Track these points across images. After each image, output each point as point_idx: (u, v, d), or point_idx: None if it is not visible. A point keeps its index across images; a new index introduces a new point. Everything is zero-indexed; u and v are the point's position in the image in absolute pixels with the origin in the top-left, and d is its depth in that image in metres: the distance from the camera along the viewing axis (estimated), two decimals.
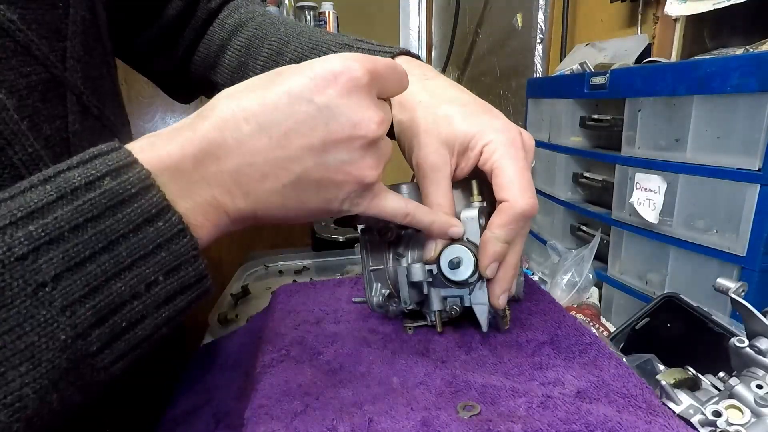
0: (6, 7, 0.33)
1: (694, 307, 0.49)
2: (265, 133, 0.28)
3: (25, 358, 0.22)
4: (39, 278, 0.22)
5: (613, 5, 0.99)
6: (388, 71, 0.32)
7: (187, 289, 0.27)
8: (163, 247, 0.25)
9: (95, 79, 0.41)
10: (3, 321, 0.21)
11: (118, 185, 0.24)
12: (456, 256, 0.37)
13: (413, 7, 2.10)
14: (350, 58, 0.29)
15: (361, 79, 0.29)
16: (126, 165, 0.25)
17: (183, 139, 0.27)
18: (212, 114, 0.28)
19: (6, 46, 0.33)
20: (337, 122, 0.29)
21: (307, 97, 0.28)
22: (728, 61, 0.53)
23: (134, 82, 1.82)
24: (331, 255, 1.04)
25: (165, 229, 0.25)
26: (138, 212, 0.25)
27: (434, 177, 0.38)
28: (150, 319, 0.26)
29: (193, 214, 0.27)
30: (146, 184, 0.25)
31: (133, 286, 0.25)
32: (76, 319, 0.23)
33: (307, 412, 0.34)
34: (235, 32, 0.52)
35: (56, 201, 0.23)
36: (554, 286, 0.72)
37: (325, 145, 0.29)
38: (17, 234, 0.22)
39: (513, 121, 0.39)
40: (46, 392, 0.23)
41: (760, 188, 0.50)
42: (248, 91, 0.29)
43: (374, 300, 0.43)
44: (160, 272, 0.25)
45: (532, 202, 0.36)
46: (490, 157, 0.37)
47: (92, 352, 0.24)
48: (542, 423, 0.31)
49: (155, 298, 0.25)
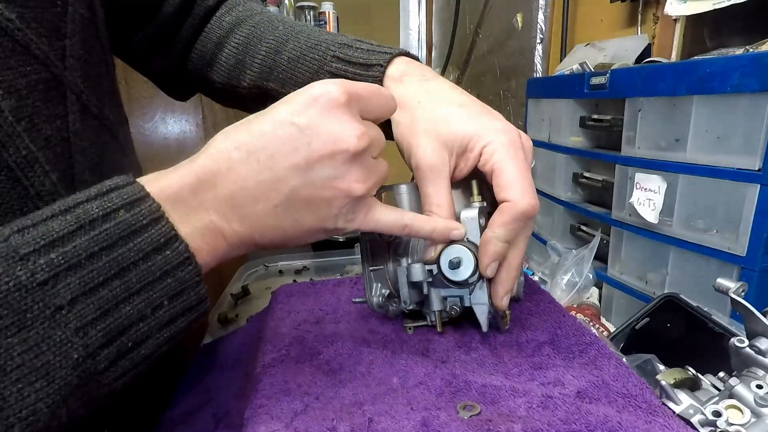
0: (4, 6, 0.32)
1: (694, 307, 0.49)
2: (253, 158, 0.30)
3: (40, 376, 0.23)
4: (57, 302, 0.24)
5: (613, 5, 0.99)
6: (369, 93, 0.33)
7: (188, 312, 0.29)
8: (170, 273, 0.27)
9: (94, 78, 0.41)
10: (23, 341, 0.23)
11: (132, 217, 0.26)
12: (456, 256, 0.37)
13: (413, 7, 2.10)
14: (329, 83, 0.31)
15: (339, 98, 0.31)
16: (139, 198, 0.27)
17: (182, 170, 0.30)
18: (208, 148, 0.31)
19: (5, 45, 0.33)
20: (319, 139, 0.30)
21: (288, 119, 0.30)
22: (728, 61, 0.53)
23: (134, 82, 1.81)
24: (331, 255, 1.04)
25: (172, 258, 0.27)
26: (148, 241, 0.26)
27: (433, 178, 0.38)
28: (153, 339, 0.27)
29: (192, 238, 0.29)
30: (156, 216, 0.27)
31: (141, 310, 0.26)
32: (88, 339, 0.25)
33: (307, 411, 0.34)
34: (233, 30, 0.52)
35: (76, 231, 0.25)
36: (554, 286, 0.72)
37: (309, 162, 0.30)
38: (39, 261, 0.24)
39: (513, 122, 0.39)
40: (57, 407, 0.24)
41: (760, 188, 0.50)
42: (240, 126, 0.31)
43: (374, 300, 0.43)
44: (165, 297, 0.27)
45: (534, 203, 0.37)
46: (491, 158, 0.37)
47: (100, 370, 0.25)
48: (542, 423, 0.31)
49: (159, 320, 0.27)
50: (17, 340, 0.23)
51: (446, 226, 0.38)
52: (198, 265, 0.28)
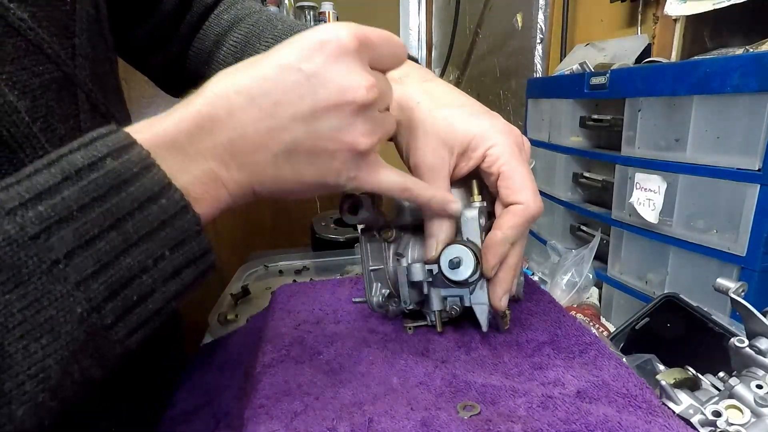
0: (16, 6, 0.32)
1: (694, 307, 0.49)
2: (255, 104, 0.28)
3: (45, 331, 0.23)
4: (52, 255, 0.23)
5: (613, 5, 0.99)
6: (381, 40, 0.31)
7: (192, 263, 0.28)
8: (168, 223, 0.26)
9: (101, 76, 0.41)
10: (22, 297, 0.22)
11: (120, 165, 0.25)
12: (456, 256, 0.37)
13: (413, 7, 2.10)
14: (340, 26, 0.29)
15: (349, 45, 0.29)
16: (126, 146, 0.26)
17: (177, 115, 0.28)
18: (205, 91, 0.29)
19: (18, 45, 0.32)
20: (325, 89, 0.29)
21: (295, 66, 0.29)
22: (728, 61, 0.53)
23: (135, 83, 1.81)
24: (331, 255, 1.04)
25: (168, 206, 0.26)
26: (141, 191, 0.25)
27: (432, 177, 0.38)
28: (159, 292, 0.27)
29: (192, 187, 0.28)
30: (147, 163, 0.26)
31: (141, 261, 0.26)
32: (90, 293, 0.24)
33: (307, 412, 0.34)
34: (231, 28, 0.52)
35: (62, 182, 0.24)
36: (554, 286, 0.72)
37: (314, 112, 0.29)
38: (28, 214, 0.23)
39: (513, 122, 0.40)
40: (67, 363, 0.24)
41: (760, 188, 0.50)
42: (241, 67, 0.30)
43: (374, 300, 0.43)
44: (165, 247, 0.26)
45: (541, 206, 0.38)
46: (497, 161, 0.37)
47: (107, 325, 0.25)
48: (542, 423, 0.31)
49: (162, 272, 0.26)
50: (15, 297, 0.22)
51: (444, 196, 0.37)
52: (196, 215, 0.27)
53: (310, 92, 0.29)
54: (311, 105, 0.29)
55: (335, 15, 1.72)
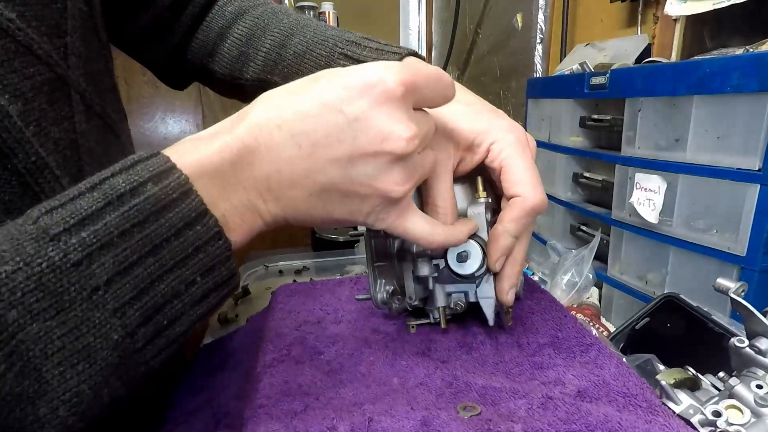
0: (4, 6, 0.32)
1: (694, 307, 0.49)
2: (294, 142, 0.28)
3: (82, 358, 0.23)
4: (93, 282, 0.23)
5: (613, 5, 0.99)
6: (428, 81, 0.31)
7: (220, 287, 0.28)
8: (201, 249, 0.27)
9: (95, 75, 0.40)
10: (62, 324, 0.23)
11: (160, 190, 0.25)
12: (464, 250, 0.38)
13: (413, 7, 2.10)
14: (387, 68, 0.29)
15: (395, 90, 0.29)
16: (166, 170, 0.26)
17: (221, 143, 0.28)
18: (248, 118, 0.29)
19: (7, 47, 0.32)
20: (365, 135, 0.28)
21: (338, 107, 0.28)
22: (728, 61, 0.53)
23: (134, 83, 1.82)
24: (331, 255, 1.04)
25: (203, 233, 0.26)
26: (179, 216, 0.26)
27: (437, 170, 0.38)
28: (187, 316, 0.27)
29: (231, 215, 0.29)
30: (186, 189, 0.26)
31: (175, 287, 0.26)
32: (126, 320, 0.24)
33: (307, 411, 0.34)
34: (235, 21, 0.52)
35: (104, 207, 0.24)
36: (554, 286, 0.72)
37: (352, 158, 0.29)
38: (71, 240, 0.23)
39: None
40: (99, 388, 0.24)
41: (760, 188, 0.50)
42: (284, 96, 0.30)
43: (379, 296, 0.43)
44: (197, 273, 0.27)
45: (543, 198, 0.37)
46: (499, 155, 0.38)
47: (138, 348, 0.25)
48: (542, 423, 0.31)
49: (193, 297, 0.27)
50: (56, 323, 0.22)
51: (457, 239, 0.37)
52: (228, 240, 0.28)
53: (350, 137, 0.28)
54: (349, 150, 0.29)
55: (335, 15, 1.71)
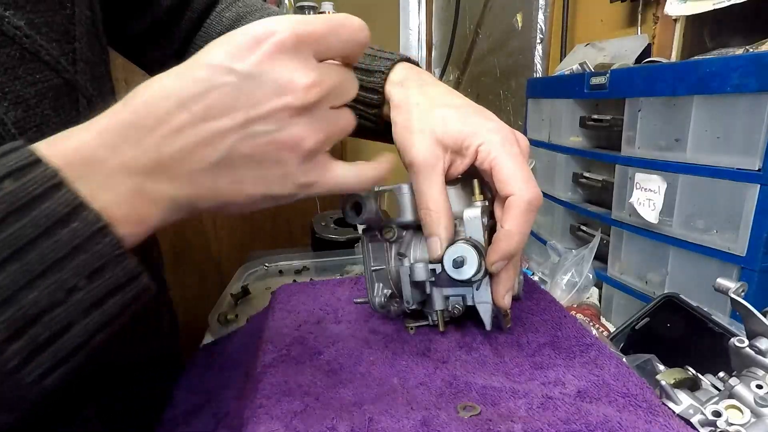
0: (13, 14, 0.31)
1: (694, 307, 0.49)
2: (185, 109, 0.26)
3: None
4: None
5: (613, 5, 0.99)
6: (327, 29, 0.28)
7: (118, 291, 0.25)
8: (81, 248, 0.23)
9: (99, 79, 0.40)
10: None
11: (20, 187, 0.22)
12: (460, 255, 0.38)
13: (413, 7, 2.10)
14: (277, 20, 0.27)
15: (287, 40, 0.27)
16: (28, 165, 0.23)
17: (99, 126, 0.25)
18: (131, 98, 0.26)
19: (12, 54, 0.32)
20: (261, 91, 0.26)
21: (227, 66, 0.26)
22: (728, 61, 0.53)
23: (134, 83, 1.81)
24: (331, 255, 1.04)
25: (81, 229, 0.23)
26: (46, 214, 0.22)
27: (427, 173, 0.38)
28: (78, 326, 0.24)
29: (116, 206, 0.25)
30: (53, 182, 0.23)
31: (51, 294, 0.23)
32: None
33: (307, 411, 0.34)
34: (233, 26, 0.52)
35: None
36: (554, 286, 0.72)
37: (249, 116, 0.26)
38: None
39: (513, 122, 0.40)
40: None
41: (760, 188, 0.49)
42: (170, 72, 0.27)
43: (376, 300, 0.43)
44: (80, 276, 0.23)
45: (537, 191, 0.37)
46: (488, 156, 0.37)
47: (12, 368, 0.22)
48: (542, 423, 0.31)
49: (79, 304, 0.23)
50: None
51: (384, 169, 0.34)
52: (116, 236, 0.24)
53: (244, 95, 0.26)
54: (246, 108, 0.26)
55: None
